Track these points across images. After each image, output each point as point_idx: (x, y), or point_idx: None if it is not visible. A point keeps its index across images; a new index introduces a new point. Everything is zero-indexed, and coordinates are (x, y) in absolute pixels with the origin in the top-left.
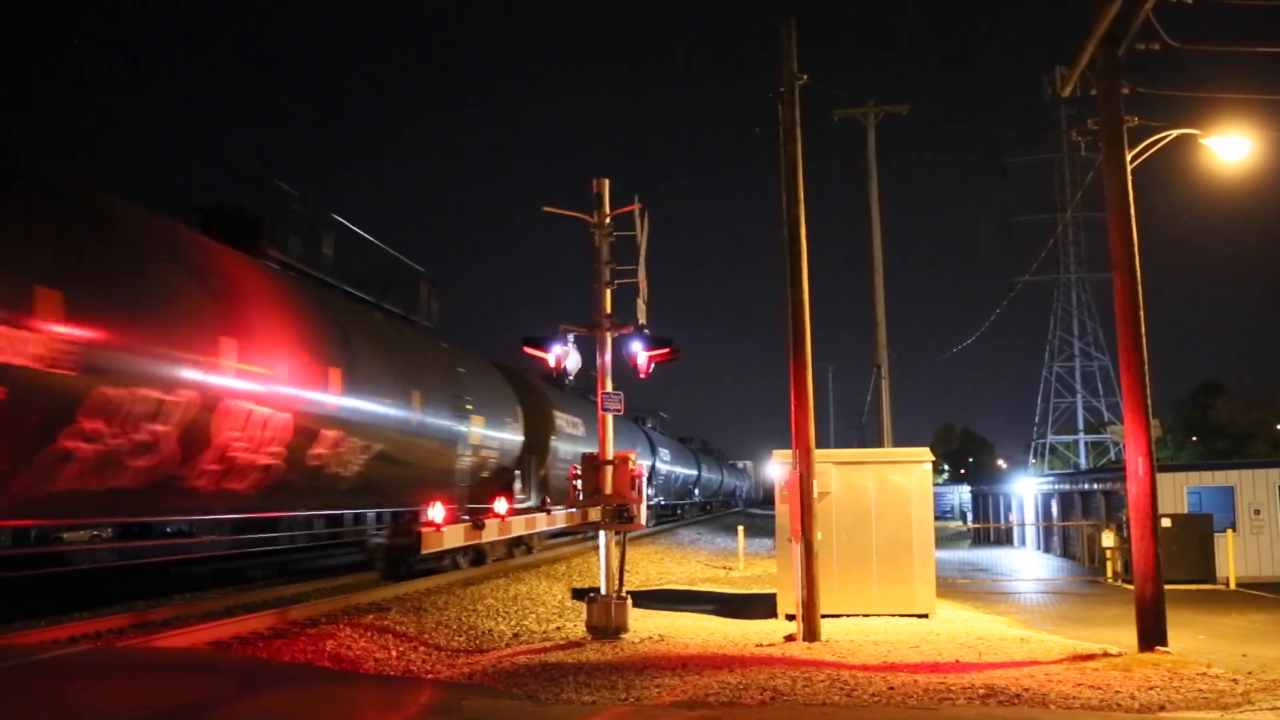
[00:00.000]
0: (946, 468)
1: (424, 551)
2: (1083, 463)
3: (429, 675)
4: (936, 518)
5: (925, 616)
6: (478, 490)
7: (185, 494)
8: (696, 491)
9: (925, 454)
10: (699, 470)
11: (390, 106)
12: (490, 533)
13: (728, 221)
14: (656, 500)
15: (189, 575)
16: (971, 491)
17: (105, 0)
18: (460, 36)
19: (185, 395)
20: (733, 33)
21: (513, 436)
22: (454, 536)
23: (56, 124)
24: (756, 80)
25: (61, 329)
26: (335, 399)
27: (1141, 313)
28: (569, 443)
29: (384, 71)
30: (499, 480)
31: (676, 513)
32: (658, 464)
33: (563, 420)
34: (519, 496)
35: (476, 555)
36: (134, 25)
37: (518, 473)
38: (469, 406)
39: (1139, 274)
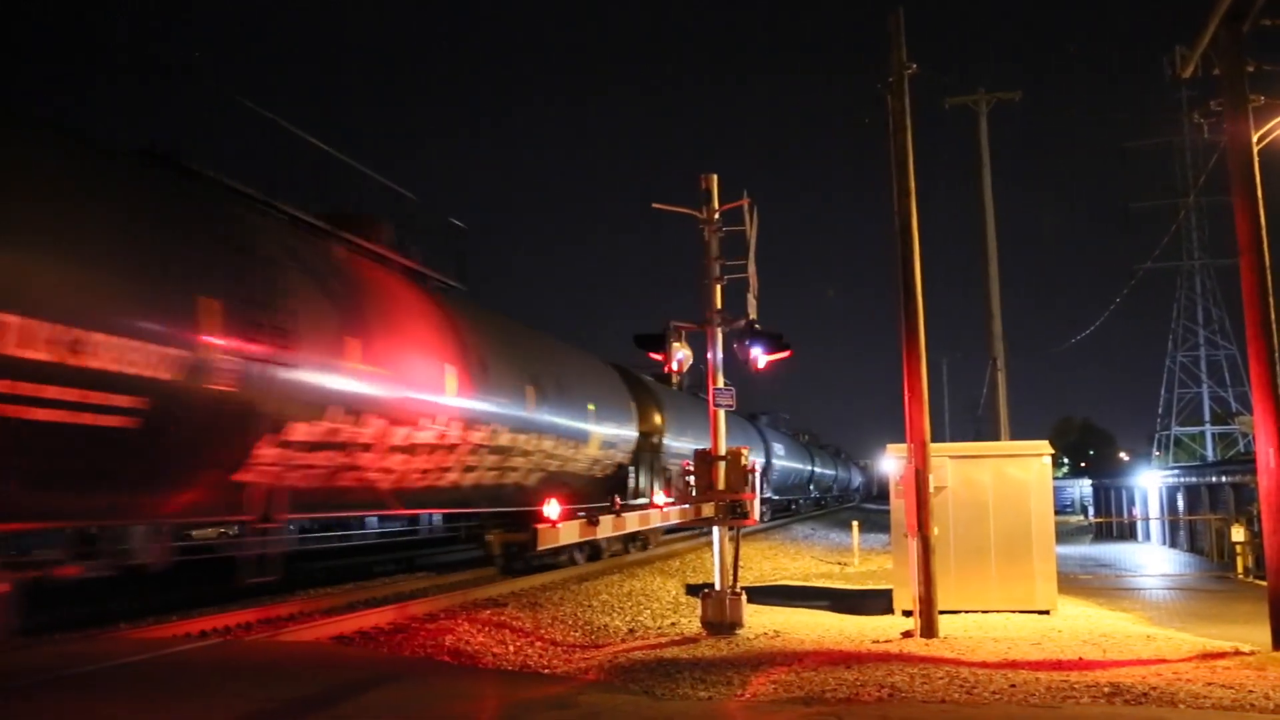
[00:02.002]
0: (1066, 461)
1: (540, 547)
2: (1209, 455)
3: (546, 670)
4: (1056, 512)
5: (1046, 613)
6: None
7: None
8: (834, 486)
9: (1044, 447)
10: (836, 470)
11: (495, 101)
12: (605, 529)
13: (838, 215)
14: (815, 495)
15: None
16: (1092, 485)
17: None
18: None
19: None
20: (840, 24)
21: (754, 457)
22: (569, 532)
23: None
24: (865, 70)
25: None
26: (672, 442)
27: (1270, 298)
28: (782, 460)
29: (477, 69)
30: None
31: (822, 503)
32: (814, 469)
33: (778, 447)
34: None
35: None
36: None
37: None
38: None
39: (1267, 258)
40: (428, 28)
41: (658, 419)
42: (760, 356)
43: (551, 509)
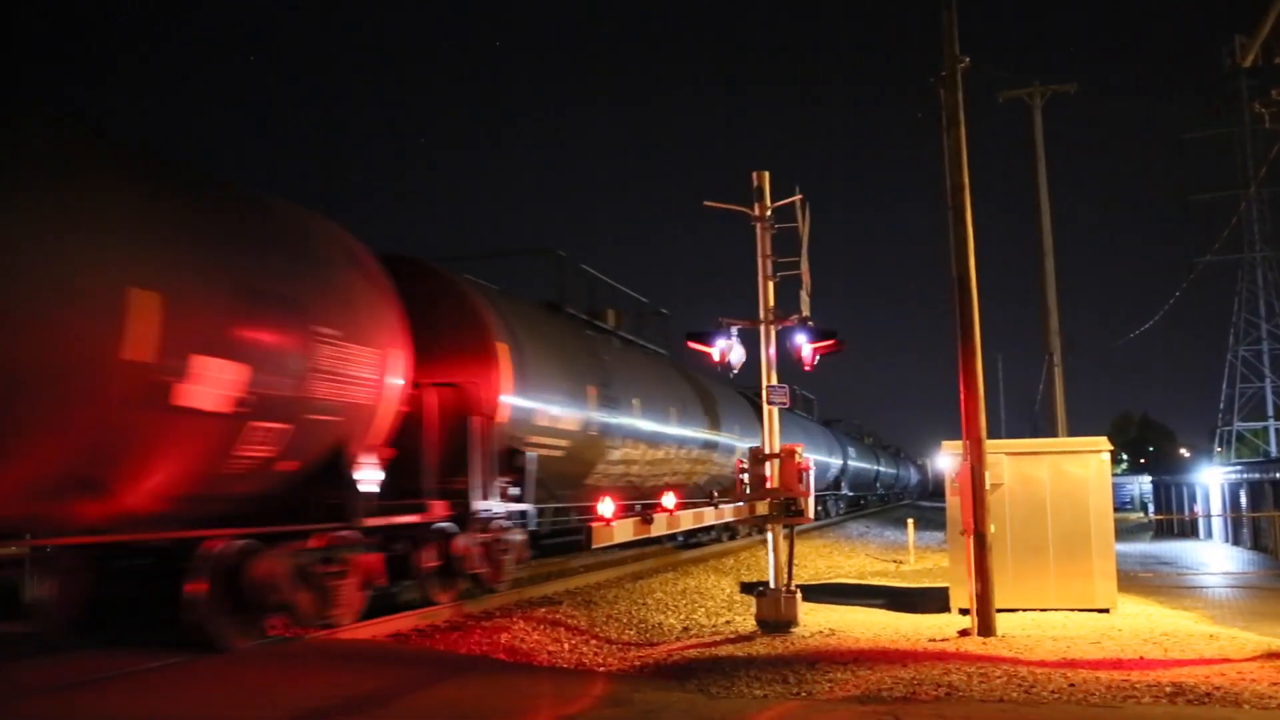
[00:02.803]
0: (1125, 457)
1: (594, 545)
2: (1273, 450)
3: (601, 668)
4: (1116, 509)
5: (1106, 611)
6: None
7: None
8: (895, 484)
9: (1102, 443)
10: (897, 469)
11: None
12: (659, 526)
13: (892, 211)
14: (880, 493)
15: None
16: (1152, 481)
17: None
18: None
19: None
20: (890, 16)
21: (835, 460)
22: (623, 530)
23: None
24: (917, 63)
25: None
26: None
27: None
28: (855, 461)
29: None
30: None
31: (886, 499)
32: (880, 468)
33: (852, 450)
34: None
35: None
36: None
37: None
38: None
39: None
40: (481, 26)
41: None
42: (804, 345)
43: (605, 507)
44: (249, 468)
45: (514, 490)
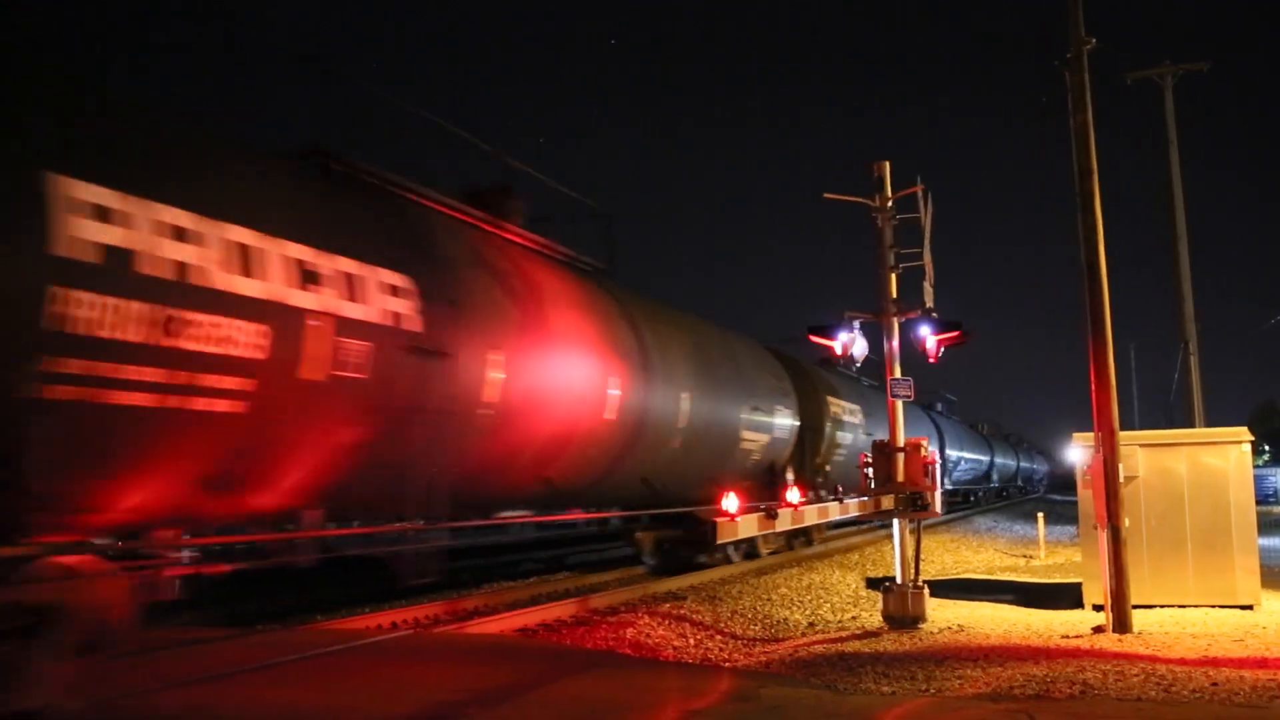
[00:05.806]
0: (1267, 449)
1: (719, 541)
2: None
3: (726, 663)
4: (1258, 502)
5: (1249, 608)
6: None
7: None
8: (1017, 477)
9: (1242, 433)
10: (1018, 460)
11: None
12: (784, 522)
13: (1017, 198)
14: (995, 485)
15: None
16: None
17: None
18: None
19: None
20: (1013, 6)
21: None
22: (748, 526)
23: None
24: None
25: None
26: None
27: None
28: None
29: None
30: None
31: (1005, 493)
32: (994, 459)
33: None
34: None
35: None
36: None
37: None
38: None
39: None
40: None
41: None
42: (929, 337)
43: (730, 503)
44: None
45: None
